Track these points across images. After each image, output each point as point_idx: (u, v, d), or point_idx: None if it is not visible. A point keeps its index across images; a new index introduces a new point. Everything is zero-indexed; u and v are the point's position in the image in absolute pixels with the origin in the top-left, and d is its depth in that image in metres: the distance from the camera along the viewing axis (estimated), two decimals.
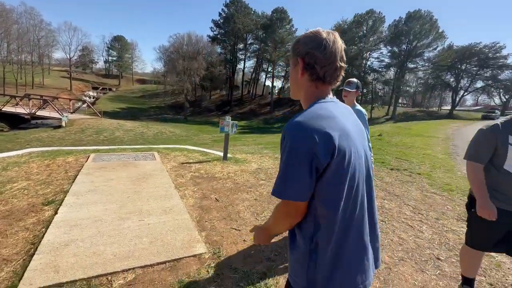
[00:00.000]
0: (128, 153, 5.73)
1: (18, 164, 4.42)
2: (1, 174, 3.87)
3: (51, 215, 2.71)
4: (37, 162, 4.58)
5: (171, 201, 3.22)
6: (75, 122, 22.47)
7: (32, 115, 23.76)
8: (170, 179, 4.00)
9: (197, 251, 2.25)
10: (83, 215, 2.73)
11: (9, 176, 3.81)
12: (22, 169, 4.17)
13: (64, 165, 4.46)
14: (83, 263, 2.01)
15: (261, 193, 3.61)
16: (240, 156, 5.91)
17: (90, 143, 16.84)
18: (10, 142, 15.95)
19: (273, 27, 43.40)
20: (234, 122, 5.16)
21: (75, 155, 5.20)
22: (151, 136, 20.73)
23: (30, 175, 3.89)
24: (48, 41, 50.99)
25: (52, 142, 16.18)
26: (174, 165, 4.81)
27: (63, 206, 2.90)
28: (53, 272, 1.90)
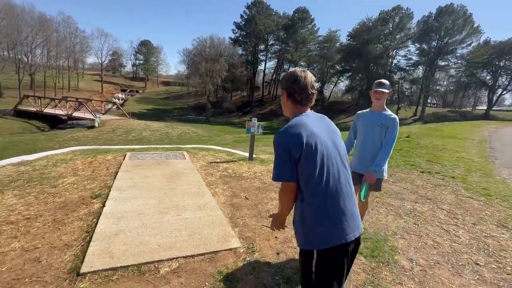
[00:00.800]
0: (160, 152, 6.05)
1: (65, 161, 4.85)
2: (52, 170, 4.28)
3: (99, 208, 2.98)
4: (80, 159, 4.98)
5: (203, 198, 3.39)
6: (107, 123, 23.86)
7: (69, 116, 25.57)
8: (200, 177, 4.18)
9: (232, 245, 2.38)
10: (127, 208, 2.97)
11: (59, 172, 4.20)
12: (69, 165, 4.57)
13: (105, 163, 4.81)
14: (132, 251, 2.21)
15: None
16: (264, 157, 5.99)
17: (121, 142, 17.81)
18: (50, 141, 17.30)
19: (294, 27, 43.10)
20: (260, 123, 5.26)
21: (112, 154, 5.58)
22: (175, 136, 21.48)
23: (76, 171, 4.26)
24: (82, 47, 54.50)
25: (87, 141, 17.33)
26: (203, 164, 5.00)
27: (109, 199, 3.17)
28: (108, 258, 2.11)
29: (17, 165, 4.54)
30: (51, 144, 16.32)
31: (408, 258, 2.33)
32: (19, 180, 3.73)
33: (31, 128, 23.52)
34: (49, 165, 4.53)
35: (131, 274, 1.97)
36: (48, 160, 4.89)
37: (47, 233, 2.48)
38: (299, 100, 1.20)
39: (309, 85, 1.21)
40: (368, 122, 2.38)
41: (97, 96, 49.09)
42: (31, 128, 23.56)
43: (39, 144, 16.31)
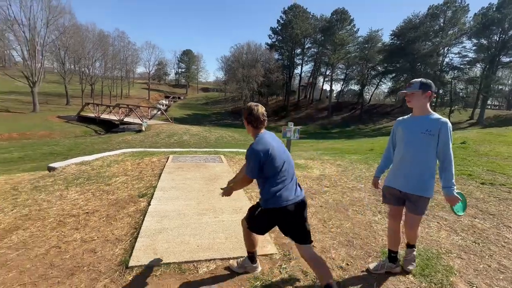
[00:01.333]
0: (199, 155, 6.32)
1: (117, 162, 5.35)
2: (107, 169, 4.75)
3: (145, 206, 3.22)
4: (130, 161, 5.45)
5: (240, 201, 3.44)
6: (152, 127, 25.83)
7: (121, 121, 28.29)
8: None
9: (268, 251, 2.36)
10: (169, 208, 3.15)
11: (112, 171, 4.65)
12: (121, 166, 5.03)
13: (150, 164, 5.19)
14: (174, 249, 2.33)
15: (326, 200, 3.54)
16: (301, 162, 5.89)
17: (164, 145, 19.11)
18: (105, 143, 19.33)
19: (332, 29, 41.87)
20: (297, 128, 5.19)
21: (157, 156, 5.99)
22: (213, 140, 22.32)
23: (126, 171, 4.67)
24: (133, 59, 60.05)
25: (135, 144, 18.96)
26: (239, 168, 5.09)
27: (154, 199, 3.40)
28: (153, 254, 2.26)
29: (79, 164, 5.14)
30: (105, 146, 18.22)
31: (467, 281, 2.10)
32: (80, 178, 4.22)
33: (90, 132, 26.57)
34: (104, 165, 5.04)
35: (172, 271, 2.08)
36: (103, 160, 5.45)
37: (101, 227, 2.75)
38: (255, 126, 1.81)
39: (260, 115, 1.82)
40: (409, 129, 1.95)
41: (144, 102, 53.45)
42: (90, 132, 26.59)
43: (96, 146, 18.34)
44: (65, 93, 39.99)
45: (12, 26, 28.88)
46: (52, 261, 2.20)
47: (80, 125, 27.96)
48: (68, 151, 15.75)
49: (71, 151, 15.77)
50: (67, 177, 4.29)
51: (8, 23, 28.60)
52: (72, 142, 19.56)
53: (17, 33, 29.72)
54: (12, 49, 32.63)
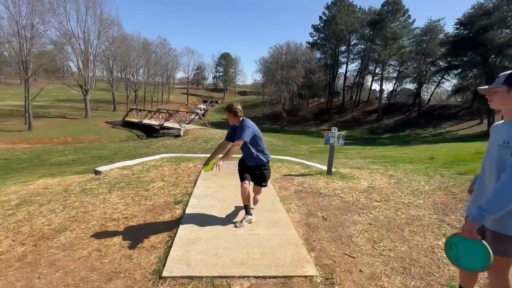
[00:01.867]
0: (235, 162, 6.40)
1: (155, 167, 5.69)
2: (146, 175, 5.08)
3: (180, 214, 3.33)
4: (167, 166, 5.77)
5: (277, 214, 3.36)
6: (190, 132, 27.24)
7: (161, 126, 30.43)
8: (274, 190, 4.19)
9: (308, 272, 2.23)
10: (203, 217, 3.21)
11: (151, 177, 4.95)
12: (159, 171, 5.34)
13: (187, 170, 5.42)
14: (207, 262, 2.34)
15: (376, 217, 3.27)
16: (346, 171, 5.63)
17: (201, 150, 19.94)
18: (146, 148, 20.92)
19: (383, 22, 39.38)
20: (341, 133, 4.95)
21: (194, 162, 6.23)
22: None
23: (164, 177, 4.93)
24: (173, 65, 64.54)
25: (173, 149, 20.16)
26: (276, 176, 5.03)
27: (189, 206, 3.50)
28: (185, 265, 2.30)
29: (122, 168, 5.59)
30: (146, 150, 19.70)
31: None
32: (121, 183, 4.57)
33: (133, 137, 29.05)
34: (144, 170, 5.40)
35: (204, 286, 2.08)
36: (143, 165, 5.85)
37: (139, 233, 2.90)
38: (239, 115, 2.93)
39: (239, 108, 2.98)
40: (491, 139, 1.60)
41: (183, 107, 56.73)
42: (133, 137, 29.07)
43: (138, 150, 19.95)
44: (113, 99, 44.51)
45: (70, 39, 33.29)
46: (93, 264, 2.38)
47: (124, 130, 30.75)
48: (113, 155, 17.38)
49: (116, 155, 17.37)
50: (110, 181, 4.69)
51: (67, 37, 33.01)
52: (117, 146, 21.56)
53: (74, 45, 34.16)
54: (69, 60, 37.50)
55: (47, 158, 15.95)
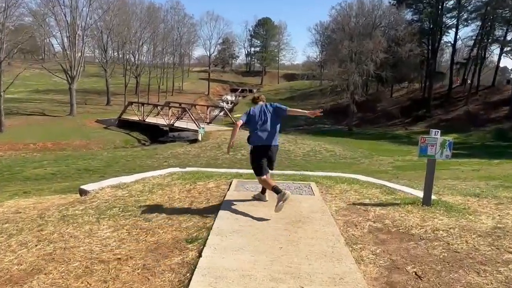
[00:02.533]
0: (277, 181, 6.42)
1: (161, 187, 5.95)
2: (148, 197, 5.33)
3: (195, 257, 3.40)
4: (178, 186, 6.00)
5: (341, 264, 3.26)
6: (211, 135, 28.14)
7: (171, 126, 31.95)
8: (337, 227, 4.11)
9: None
10: (228, 265, 3.24)
11: (155, 201, 5.18)
12: (166, 193, 5.57)
13: (205, 192, 5.59)
14: None
15: (509, 279, 3.00)
16: (455, 200, 5.45)
17: (226, 162, 20.40)
18: (150, 158, 22.12)
19: None
20: (447, 138, 4.75)
21: (215, 180, 6.41)
22: (299, 156, 22.59)
23: (173, 201, 5.13)
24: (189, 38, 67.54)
25: (187, 160, 20.98)
26: (341, 205, 4.99)
27: (207, 247, 3.57)
28: None
29: (115, 188, 5.95)
30: (150, 162, 20.78)
31: None
32: (115, 208, 4.86)
33: (132, 141, 30.91)
34: (145, 191, 5.68)
35: None
36: (144, 184, 6.15)
37: (135, 282, 3.03)
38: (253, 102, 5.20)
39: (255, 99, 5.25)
40: None
41: (202, 99, 58.89)
42: (133, 141, 30.92)
43: (138, 161, 21.17)
44: (106, 89, 47.99)
45: (53, 8, 36.83)
46: None
47: (120, 132, 32.86)
48: (106, 167, 18.65)
49: (109, 168, 18.60)
50: (100, 205, 5.01)
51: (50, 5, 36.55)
52: (111, 155, 23.08)
53: (58, 16, 37.72)
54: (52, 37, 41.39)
55: (21, 170, 17.71)
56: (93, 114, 39.51)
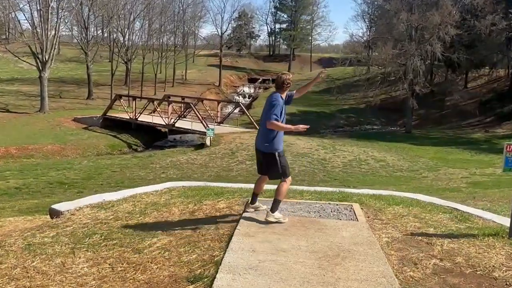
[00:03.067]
0: (308, 200, 6.39)
1: (157, 207, 6.01)
2: (139, 221, 5.38)
3: None
4: (179, 206, 6.06)
5: None
6: (223, 138, 28.24)
7: (170, 127, 32.28)
8: (389, 266, 4.06)
9: None
10: None
11: (148, 225, 5.22)
12: (162, 215, 5.63)
13: (214, 214, 5.64)
14: None
15: None
16: None
17: (243, 174, 20.47)
18: (143, 168, 22.41)
19: None
20: None
21: (227, 198, 6.45)
22: (338, 168, 22.42)
23: (171, 226, 5.16)
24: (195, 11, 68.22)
25: (192, 171, 21.13)
26: (395, 236, 4.93)
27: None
28: None
29: (97, 208, 6.03)
30: (143, 173, 21.04)
31: None
32: (95, 235, 4.91)
33: (121, 146, 31.39)
34: (136, 212, 5.74)
35: None
36: (135, 203, 6.22)
37: None
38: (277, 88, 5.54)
39: (280, 81, 5.44)
40: None
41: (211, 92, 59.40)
42: (121, 146, 31.40)
43: (128, 172, 21.46)
44: (87, 78, 48.83)
45: None
46: None
47: (106, 134, 33.41)
48: (85, 180, 18.98)
49: (89, 181, 18.92)
50: (76, 231, 5.08)
51: None
52: (93, 164, 23.48)
53: None
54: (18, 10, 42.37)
55: None
56: (70, 111, 40.26)
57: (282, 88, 5.34)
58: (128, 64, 51.38)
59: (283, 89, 5.35)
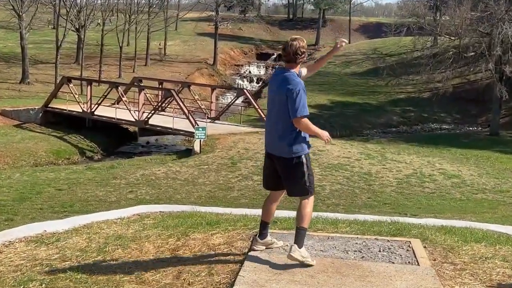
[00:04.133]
0: (345, 234, 6.37)
1: (122, 241, 6.00)
2: (96, 263, 5.36)
3: None
4: (155, 241, 6.05)
5: None
6: (219, 142, 28.19)
7: (142, 124, 32.25)
8: None
9: None
10: None
11: (109, 270, 5.19)
12: (130, 254, 5.62)
13: (206, 253, 5.62)
14: None
15: None
16: None
17: (248, 196, 20.41)
18: (102, 185, 22.36)
19: None
20: None
21: (225, 230, 6.46)
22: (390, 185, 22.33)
23: (143, 270, 5.13)
24: None
25: (174, 190, 21.07)
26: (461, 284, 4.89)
27: None
28: None
29: (34, 242, 6.02)
30: (102, 192, 21.02)
31: None
32: (32, 282, 4.87)
33: (69, 153, 31.40)
34: (91, 250, 5.73)
35: None
36: (90, 235, 6.22)
37: None
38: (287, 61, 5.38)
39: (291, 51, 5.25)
40: None
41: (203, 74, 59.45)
42: (70, 153, 31.41)
43: (80, 191, 21.41)
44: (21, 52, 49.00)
45: None
46: None
47: (47, 134, 33.45)
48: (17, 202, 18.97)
49: (23, 203, 18.91)
50: (4, 276, 5.06)
51: None
52: (28, 179, 23.52)
53: None
54: None
55: None
56: None
57: (295, 62, 5.18)
58: (81, 33, 51.40)
59: (296, 62, 5.20)
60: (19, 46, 49.59)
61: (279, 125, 5.24)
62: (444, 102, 47.18)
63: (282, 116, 5.16)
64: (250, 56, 75.58)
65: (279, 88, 5.21)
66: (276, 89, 5.29)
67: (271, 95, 5.48)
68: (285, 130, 5.17)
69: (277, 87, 5.28)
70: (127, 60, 57.47)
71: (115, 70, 53.92)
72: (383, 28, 73.33)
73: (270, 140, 5.47)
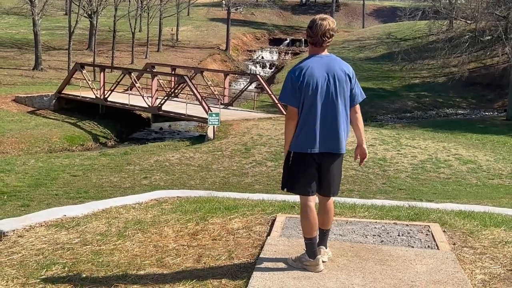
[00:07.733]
0: (364, 219, 6.39)
1: (142, 226, 6.03)
2: (117, 247, 5.38)
3: None
4: (174, 225, 6.07)
5: None
6: (233, 128, 28.10)
7: (155, 110, 32.27)
8: None
9: None
10: None
11: (130, 252, 5.23)
12: (150, 238, 5.64)
13: (226, 238, 5.64)
14: None
15: None
16: None
17: (262, 181, 20.40)
18: (117, 171, 22.40)
19: None
20: None
21: (243, 214, 6.47)
22: (405, 170, 22.27)
23: (164, 254, 5.16)
24: None
25: (188, 176, 21.06)
26: (494, 271, 4.90)
27: None
28: None
29: (55, 227, 6.06)
30: (116, 178, 21.08)
31: None
32: (55, 266, 4.91)
33: (83, 139, 31.45)
34: (111, 234, 5.77)
35: None
36: (109, 220, 6.25)
37: None
38: (313, 43, 4.78)
39: (320, 32, 4.64)
40: None
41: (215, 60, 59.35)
42: (84, 139, 31.47)
43: (94, 177, 21.46)
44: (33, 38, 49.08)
45: None
46: None
47: (61, 121, 33.54)
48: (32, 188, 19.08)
49: (38, 189, 19.02)
50: (26, 260, 5.11)
51: None
52: (43, 165, 23.62)
53: None
54: None
55: None
56: (9, 87, 40.44)
57: (322, 45, 4.66)
58: (94, 19, 51.37)
59: (322, 46, 4.68)
60: (31, 33, 49.66)
61: (346, 117, 4.79)
62: (459, 87, 46.88)
63: (340, 105, 4.66)
64: (262, 42, 75.38)
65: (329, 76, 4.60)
66: (331, 78, 4.58)
67: (321, 84, 4.54)
68: (345, 120, 4.80)
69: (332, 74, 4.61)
70: (139, 46, 57.48)
71: (128, 56, 53.92)
72: (398, 12, 72.87)
73: (327, 135, 4.71)
